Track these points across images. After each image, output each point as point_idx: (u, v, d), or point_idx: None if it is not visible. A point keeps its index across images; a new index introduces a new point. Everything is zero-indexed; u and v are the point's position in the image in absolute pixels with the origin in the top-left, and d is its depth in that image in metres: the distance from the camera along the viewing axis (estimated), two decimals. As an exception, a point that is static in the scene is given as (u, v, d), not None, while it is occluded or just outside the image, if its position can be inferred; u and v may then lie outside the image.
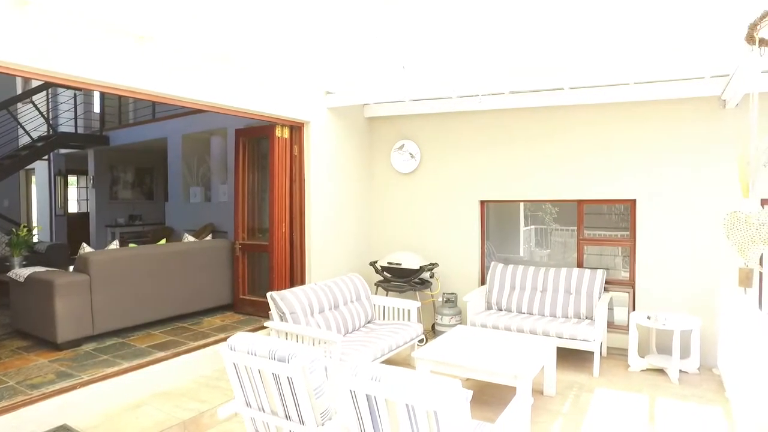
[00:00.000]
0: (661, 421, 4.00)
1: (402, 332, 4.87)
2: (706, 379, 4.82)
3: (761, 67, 3.71)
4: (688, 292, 5.17)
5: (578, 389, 4.63)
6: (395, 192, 6.87)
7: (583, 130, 5.71)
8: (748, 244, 1.62)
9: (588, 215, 6.01)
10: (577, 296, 5.36)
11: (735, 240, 1.66)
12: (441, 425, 2.15)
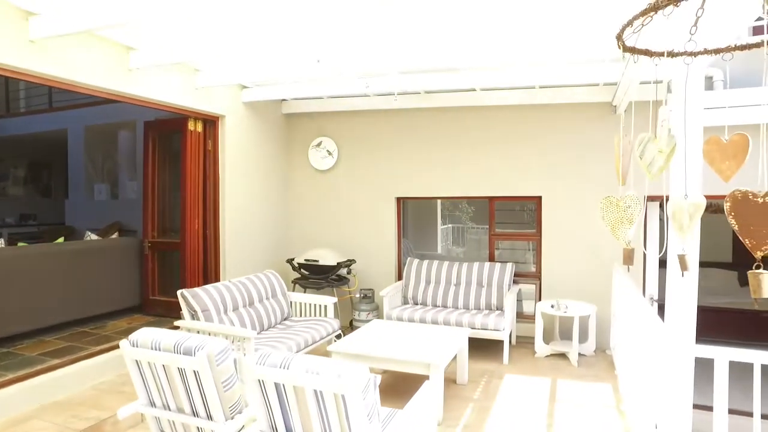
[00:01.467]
0: (560, 400, 4.30)
1: (318, 328, 4.85)
2: (601, 359, 5.25)
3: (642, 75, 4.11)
4: (587, 281, 5.59)
5: (489, 376, 4.86)
6: (313, 189, 6.83)
7: (494, 130, 6.01)
8: (617, 225, 1.80)
9: (502, 212, 6.34)
10: (488, 289, 5.63)
11: (608, 221, 1.84)
12: (349, 409, 2.17)
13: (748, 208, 1.22)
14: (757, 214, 1.20)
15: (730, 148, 1.55)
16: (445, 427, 3.85)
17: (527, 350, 5.53)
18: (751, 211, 1.21)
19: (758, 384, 2.40)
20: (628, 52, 2.09)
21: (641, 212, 1.90)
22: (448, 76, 5.15)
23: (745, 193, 1.24)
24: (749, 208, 1.22)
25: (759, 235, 1.20)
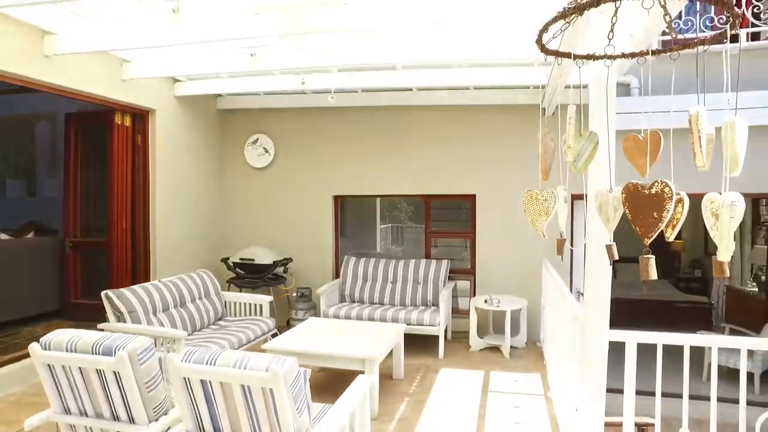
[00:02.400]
0: (492, 390, 4.46)
1: (253, 327, 4.75)
2: (532, 351, 5.48)
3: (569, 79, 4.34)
4: (519, 277, 5.82)
5: (425, 371, 4.94)
6: (249, 187, 6.69)
7: (431, 130, 6.14)
8: (536, 217, 1.90)
9: (441, 210, 6.47)
10: (424, 285, 5.73)
11: (529, 213, 1.94)
12: (277, 404, 2.14)
13: (638, 199, 1.33)
14: (645, 205, 1.32)
15: (646, 145, 1.66)
16: (381, 421, 3.89)
17: (462, 344, 5.68)
18: (641, 201, 1.32)
19: (660, 363, 2.60)
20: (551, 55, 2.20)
21: (556, 205, 2.01)
22: (385, 74, 5.20)
23: (636, 185, 1.35)
24: (639, 199, 1.33)
25: (647, 223, 1.32)
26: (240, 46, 4.47)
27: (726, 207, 1.35)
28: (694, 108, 1.35)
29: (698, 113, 1.34)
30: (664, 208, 1.31)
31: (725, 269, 1.63)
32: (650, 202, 1.33)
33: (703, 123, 1.34)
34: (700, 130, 1.33)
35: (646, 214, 1.33)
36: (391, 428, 3.80)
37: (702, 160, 1.36)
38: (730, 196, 1.35)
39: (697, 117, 1.34)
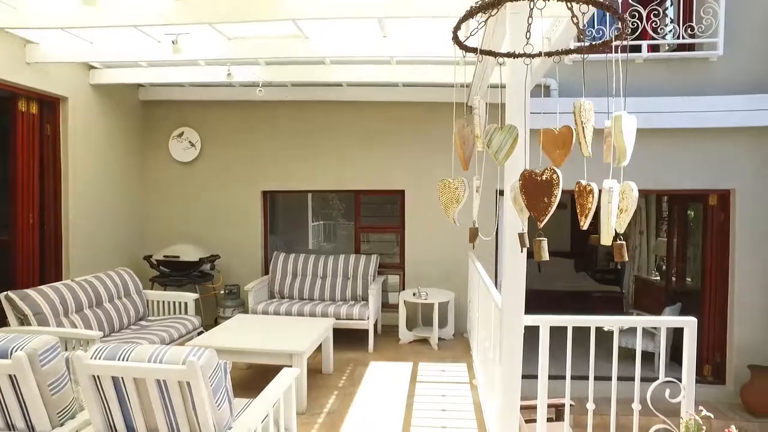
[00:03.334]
0: (420, 380, 4.56)
1: (177, 326, 4.58)
2: (459, 342, 5.66)
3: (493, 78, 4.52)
4: (447, 270, 5.98)
5: (354, 364, 4.97)
6: (174, 181, 6.43)
7: (361, 125, 6.17)
8: (448, 204, 1.98)
9: (372, 206, 6.52)
10: (353, 280, 5.76)
11: (442, 201, 2.02)
12: (195, 397, 2.08)
13: (532, 185, 1.44)
14: (537, 190, 1.42)
15: (560, 139, 1.76)
16: (309, 415, 3.87)
17: (392, 338, 5.76)
18: (534, 187, 1.42)
19: (570, 344, 2.79)
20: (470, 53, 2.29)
21: (466, 192, 2.09)
22: (314, 69, 5.17)
23: (531, 172, 1.45)
24: (533, 185, 1.44)
25: (539, 207, 1.42)
26: (160, 32, 4.27)
27: (605, 193, 1.47)
28: (579, 100, 1.46)
29: (581, 104, 1.45)
30: (553, 193, 1.42)
31: (623, 252, 1.77)
32: (541, 187, 1.43)
33: (588, 114, 1.45)
34: (583, 120, 1.44)
35: (539, 199, 1.43)
36: (319, 421, 3.79)
37: (587, 149, 1.47)
38: (608, 183, 1.48)
39: (580, 108, 1.44)
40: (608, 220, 1.47)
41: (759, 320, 5.73)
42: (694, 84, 5.69)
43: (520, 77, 2.94)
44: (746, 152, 5.73)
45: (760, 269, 5.73)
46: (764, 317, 5.71)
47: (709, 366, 6.04)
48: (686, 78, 5.73)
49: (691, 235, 6.74)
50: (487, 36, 3.35)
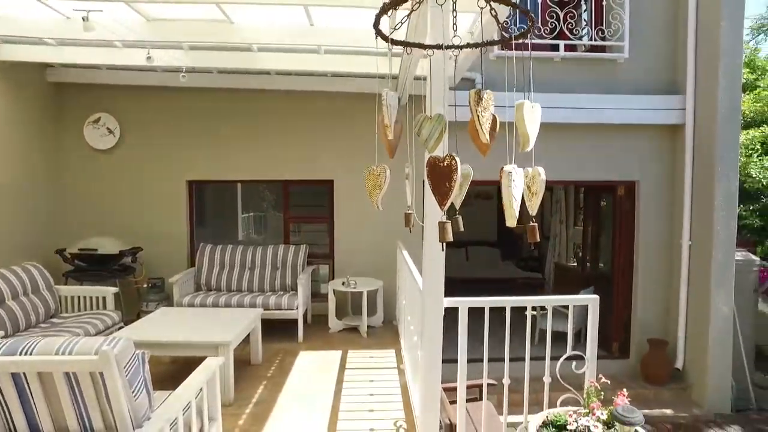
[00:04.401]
0: (349, 367, 4.64)
1: (94, 322, 4.36)
2: (388, 330, 5.78)
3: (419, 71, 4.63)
4: (376, 259, 6.07)
5: (284, 354, 4.96)
6: (91, 170, 6.06)
7: (290, 114, 6.11)
8: (373, 190, 2.05)
9: (301, 195, 6.48)
10: (282, 270, 5.73)
11: (367, 187, 2.08)
12: (109, 388, 2.02)
13: (436, 171, 1.53)
14: (440, 176, 1.51)
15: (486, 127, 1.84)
16: (237, 406, 3.84)
17: (322, 327, 5.78)
18: (438, 173, 1.51)
19: (487, 324, 2.96)
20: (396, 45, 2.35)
21: (387, 179, 2.16)
22: (241, 56, 5.05)
23: (435, 159, 1.54)
24: (437, 171, 1.52)
25: (442, 191, 1.52)
26: (68, 7, 3.98)
27: (505, 176, 1.59)
28: (473, 90, 1.56)
29: (475, 94, 1.55)
30: (452, 178, 1.51)
31: (536, 234, 1.91)
32: (443, 173, 1.52)
33: (488, 104, 1.55)
34: (478, 110, 1.54)
35: (441, 183, 1.52)
36: (247, 411, 3.77)
37: (484, 136, 1.57)
38: (508, 168, 1.60)
39: (475, 97, 1.54)
40: (510, 202, 1.58)
41: (657, 299, 6.30)
42: (605, 83, 6.12)
43: (440, 69, 3.05)
44: (649, 147, 6.25)
45: (658, 254, 6.29)
46: (661, 296, 6.29)
47: (617, 343, 6.56)
48: (599, 77, 6.14)
49: (604, 223, 7.26)
50: (411, 29, 3.44)
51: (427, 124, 1.89)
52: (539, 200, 1.81)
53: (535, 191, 1.75)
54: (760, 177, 8.24)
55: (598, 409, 2.58)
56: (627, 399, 2.55)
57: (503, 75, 5.83)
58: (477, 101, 1.54)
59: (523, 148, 1.69)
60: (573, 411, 2.66)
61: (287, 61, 5.20)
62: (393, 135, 1.90)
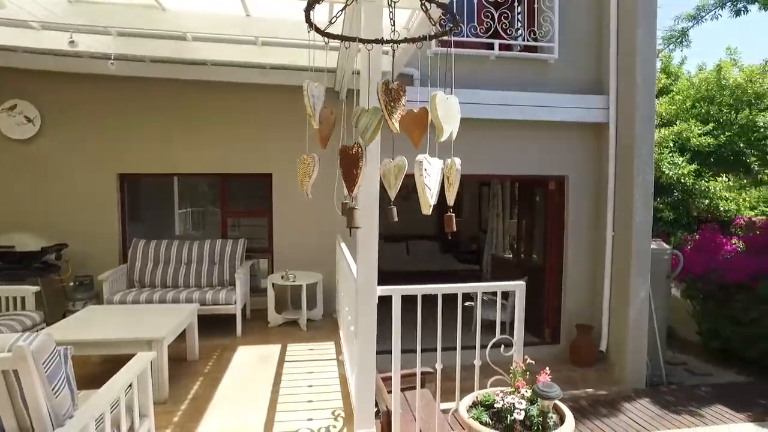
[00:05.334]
0: (289, 360, 4.64)
1: (11, 323, 4.09)
2: (328, 323, 5.80)
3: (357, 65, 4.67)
4: (316, 252, 6.06)
5: (221, 350, 4.88)
6: (6, 161, 5.67)
7: (227, 107, 5.98)
8: (304, 178, 2.08)
9: (240, 190, 6.36)
10: (220, 265, 5.62)
11: (299, 175, 2.11)
12: (25, 386, 1.93)
13: (347, 159, 1.60)
14: (350, 163, 1.58)
15: (418, 118, 1.90)
16: (172, 403, 3.75)
17: (262, 322, 5.73)
18: (348, 161, 1.59)
19: (420, 311, 3.06)
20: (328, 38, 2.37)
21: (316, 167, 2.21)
22: (175, 45, 4.89)
23: (346, 148, 1.61)
24: (348, 158, 1.59)
25: (350, 177, 1.59)
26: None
27: (417, 167, 1.67)
28: (381, 81, 1.63)
29: (383, 85, 1.62)
30: (359, 165, 1.59)
31: (452, 223, 2.01)
32: (352, 161, 1.59)
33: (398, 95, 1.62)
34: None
35: (350, 170, 1.60)
36: (183, 408, 3.69)
37: (394, 127, 1.66)
38: (419, 158, 1.68)
39: (383, 88, 1.61)
40: (423, 191, 1.66)
41: (585, 287, 6.70)
42: (537, 82, 6.42)
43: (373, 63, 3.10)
44: (578, 144, 6.62)
45: (586, 244, 6.68)
46: (588, 284, 6.70)
47: (549, 329, 6.92)
48: (531, 76, 6.43)
49: (537, 217, 7.61)
50: (347, 23, 3.48)
51: (364, 117, 1.95)
52: (455, 189, 1.91)
53: (452, 181, 1.84)
54: (671, 173, 8.92)
55: (522, 387, 2.75)
56: (549, 377, 2.72)
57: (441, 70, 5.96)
58: (385, 92, 1.61)
59: (438, 137, 1.77)
60: (501, 391, 2.81)
61: (224, 52, 5.09)
62: (318, 124, 1.95)
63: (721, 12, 8.08)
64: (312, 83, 1.89)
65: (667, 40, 9.17)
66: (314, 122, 1.97)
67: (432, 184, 1.69)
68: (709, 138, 9.76)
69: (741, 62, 11.42)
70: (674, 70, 12.51)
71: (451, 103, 1.78)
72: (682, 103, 10.74)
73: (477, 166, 6.43)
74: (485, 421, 2.61)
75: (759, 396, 5.58)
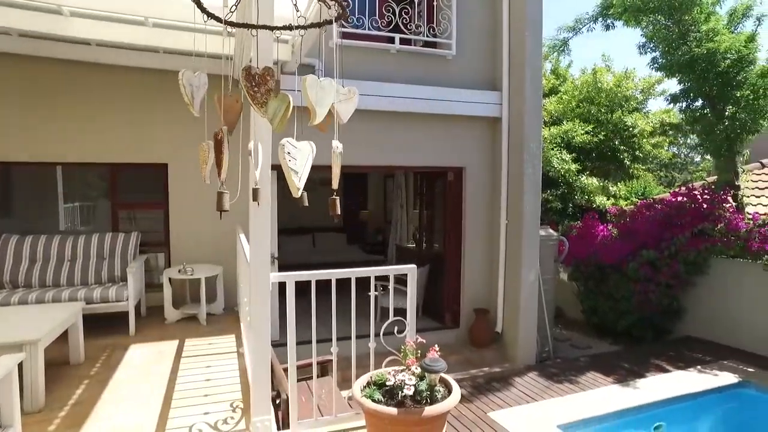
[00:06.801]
0: (187, 355, 4.48)
1: None
2: (230, 316, 5.67)
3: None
4: (216, 245, 5.86)
5: (111, 350, 4.58)
6: None
7: (119, 92, 5.60)
8: (201, 164, 2.05)
9: (133, 181, 5.99)
10: (110, 261, 5.27)
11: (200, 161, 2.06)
12: None
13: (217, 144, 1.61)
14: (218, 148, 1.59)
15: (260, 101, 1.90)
16: (48, 410, 3.47)
17: (159, 318, 5.46)
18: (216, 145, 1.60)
19: (314, 297, 3.10)
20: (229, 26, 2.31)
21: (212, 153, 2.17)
22: (47, 18, 4.46)
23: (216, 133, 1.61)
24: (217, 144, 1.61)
25: (218, 162, 1.62)
26: None
27: (281, 150, 1.71)
28: (243, 66, 1.66)
29: (244, 71, 1.65)
30: (221, 150, 1.64)
31: (337, 206, 2.06)
32: (217, 146, 1.62)
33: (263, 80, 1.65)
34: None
35: (218, 154, 1.63)
36: (61, 415, 3.42)
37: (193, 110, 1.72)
38: (283, 140, 1.73)
39: (244, 74, 1.64)
40: (289, 174, 1.70)
41: (482, 272, 7.12)
42: (437, 77, 6.68)
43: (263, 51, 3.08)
44: (475, 137, 6.99)
45: (482, 232, 7.10)
46: (486, 270, 7.12)
47: (449, 314, 7.27)
48: (431, 71, 6.67)
49: (438, 207, 7.94)
50: (240, 9, 3.40)
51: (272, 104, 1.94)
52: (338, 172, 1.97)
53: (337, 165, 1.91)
54: (559, 167, 9.73)
55: (413, 365, 2.88)
56: (437, 353, 2.89)
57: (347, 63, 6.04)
58: (246, 77, 1.63)
59: (311, 121, 1.81)
60: (393, 370, 2.93)
61: (108, 32, 4.74)
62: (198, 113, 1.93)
63: (595, 25, 8.88)
64: (189, 72, 1.87)
65: (551, 48, 9.97)
66: (194, 111, 1.94)
67: (298, 167, 1.73)
68: (590, 136, 10.74)
69: (613, 68, 12.71)
70: (562, 72, 13.58)
71: (325, 87, 1.83)
72: (569, 103, 11.71)
73: (381, 158, 6.58)
74: (377, 398, 2.70)
75: (624, 361, 6.29)
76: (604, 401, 5.08)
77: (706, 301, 7.16)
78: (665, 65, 7.96)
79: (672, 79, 8.18)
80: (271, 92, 1.70)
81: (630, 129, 11.07)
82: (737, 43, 7.29)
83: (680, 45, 7.59)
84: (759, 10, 7.65)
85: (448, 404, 2.66)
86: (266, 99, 1.65)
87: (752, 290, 6.62)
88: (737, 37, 7.39)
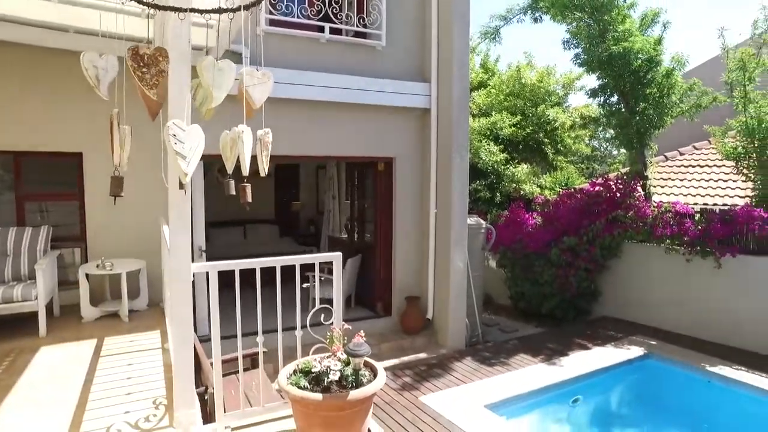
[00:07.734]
0: (106, 354, 4.25)
1: None
2: (154, 312, 5.42)
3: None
4: (139, 238, 5.57)
5: (16, 354, 4.25)
6: None
7: (19, 72, 5.17)
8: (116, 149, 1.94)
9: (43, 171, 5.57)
10: (15, 257, 4.89)
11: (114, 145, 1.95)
12: None
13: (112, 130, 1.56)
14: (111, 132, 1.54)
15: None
16: None
17: (75, 317, 5.14)
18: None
19: (238, 287, 3.04)
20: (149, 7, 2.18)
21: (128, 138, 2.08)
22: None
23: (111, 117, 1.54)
24: None
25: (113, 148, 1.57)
26: None
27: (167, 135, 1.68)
28: (130, 47, 1.61)
29: (131, 51, 1.60)
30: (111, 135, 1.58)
31: (248, 193, 2.03)
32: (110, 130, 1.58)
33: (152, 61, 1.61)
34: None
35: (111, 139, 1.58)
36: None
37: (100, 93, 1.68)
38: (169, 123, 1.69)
39: (131, 54, 1.60)
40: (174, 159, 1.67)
41: (413, 261, 7.26)
42: (367, 67, 6.69)
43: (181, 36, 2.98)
44: (404, 128, 7.08)
45: (413, 222, 7.23)
46: (416, 258, 7.27)
47: (381, 303, 7.36)
48: (362, 61, 6.68)
49: (369, 197, 7.99)
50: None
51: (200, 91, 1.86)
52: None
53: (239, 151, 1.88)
54: (487, 159, 10.08)
55: (338, 351, 2.91)
56: (363, 339, 2.92)
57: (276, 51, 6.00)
58: (133, 57, 1.58)
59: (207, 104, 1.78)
60: (320, 357, 2.94)
61: (10, 6, 4.35)
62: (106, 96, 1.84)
63: (525, 17, 9.26)
64: (93, 53, 1.77)
65: (484, 35, 10.26)
66: (101, 94, 1.85)
67: (186, 151, 1.68)
68: (517, 129, 11.20)
69: (536, 64, 13.30)
70: (491, 66, 14.04)
71: (223, 70, 1.80)
72: (497, 96, 12.14)
73: (311, 147, 6.52)
74: (303, 385, 2.70)
75: (548, 342, 6.68)
76: (529, 380, 5.37)
77: (618, 283, 7.72)
78: (587, 61, 8.43)
79: (592, 75, 8.68)
80: (163, 74, 1.64)
81: (552, 122, 11.65)
82: (647, 45, 7.85)
83: (600, 42, 8.06)
84: (665, 17, 8.34)
85: (373, 387, 2.70)
86: (157, 81, 1.59)
87: (656, 271, 7.22)
88: (647, 39, 7.97)
